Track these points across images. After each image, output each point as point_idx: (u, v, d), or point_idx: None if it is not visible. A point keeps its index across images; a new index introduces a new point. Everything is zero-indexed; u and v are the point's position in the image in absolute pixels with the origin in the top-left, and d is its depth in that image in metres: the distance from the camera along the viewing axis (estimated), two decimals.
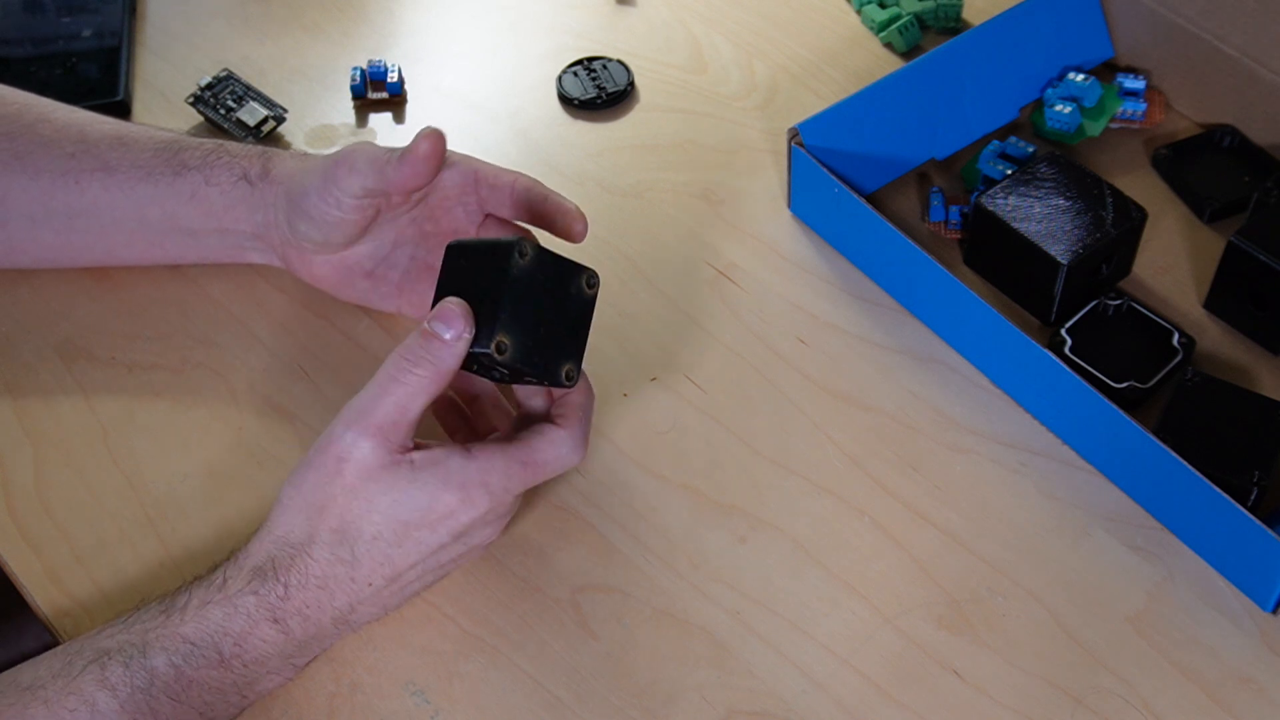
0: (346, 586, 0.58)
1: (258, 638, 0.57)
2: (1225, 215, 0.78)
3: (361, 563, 0.58)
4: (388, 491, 0.58)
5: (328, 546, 0.58)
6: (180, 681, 0.56)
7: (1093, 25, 0.84)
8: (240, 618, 0.57)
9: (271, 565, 0.58)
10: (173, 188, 0.71)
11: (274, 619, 0.57)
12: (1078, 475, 0.68)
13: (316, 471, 0.58)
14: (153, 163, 0.71)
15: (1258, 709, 0.60)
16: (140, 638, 0.56)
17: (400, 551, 0.58)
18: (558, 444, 0.61)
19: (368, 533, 0.58)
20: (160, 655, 0.56)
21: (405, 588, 0.61)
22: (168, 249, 0.74)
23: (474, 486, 0.58)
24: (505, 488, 0.59)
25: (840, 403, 0.72)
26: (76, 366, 0.74)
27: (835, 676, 0.62)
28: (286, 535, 0.58)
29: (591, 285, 0.61)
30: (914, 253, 0.71)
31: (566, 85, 0.87)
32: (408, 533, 0.58)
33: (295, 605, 0.57)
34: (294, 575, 0.57)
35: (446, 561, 0.61)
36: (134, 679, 0.55)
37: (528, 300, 0.59)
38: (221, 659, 0.56)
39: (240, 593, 0.57)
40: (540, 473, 0.61)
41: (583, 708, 0.61)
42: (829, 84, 0.88)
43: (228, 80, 0.86)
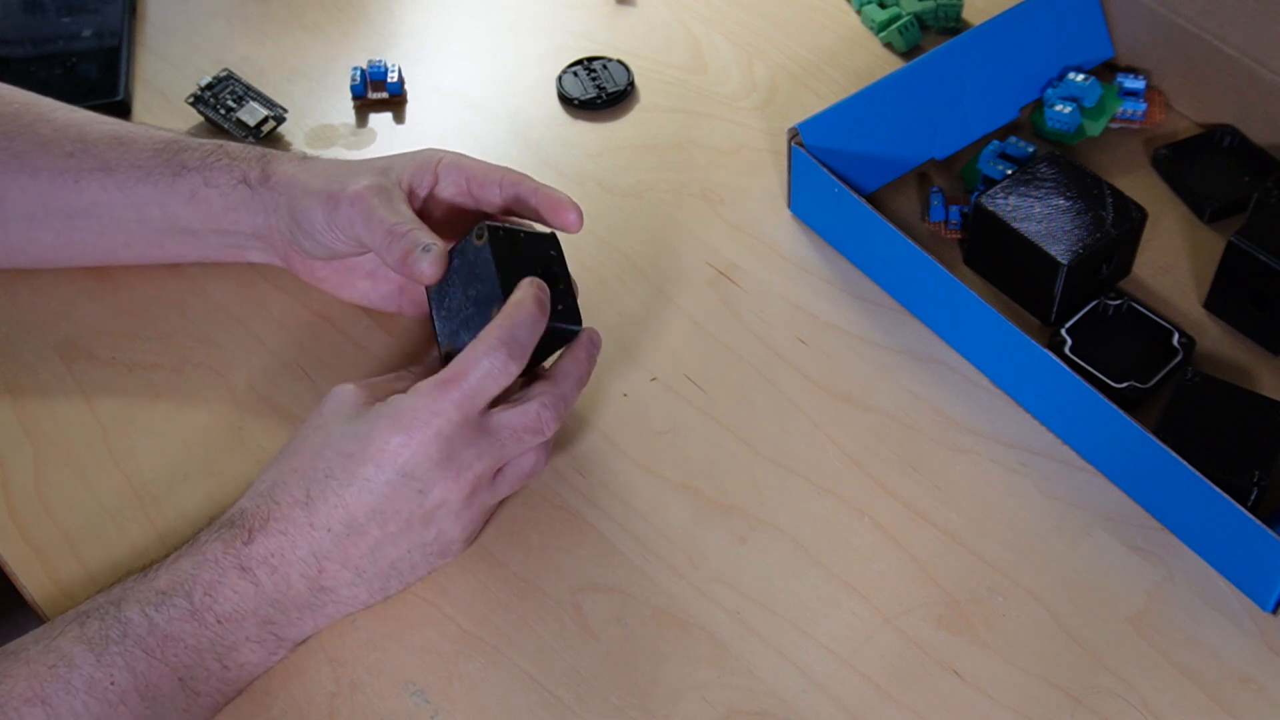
0: (306, 533, 0.59)
1: (227, 587, 0.58)
2: (1225, 215, 0.78)
3: (315, 504, 0.59)
4: (339, 426, 0.60)
5: (286, 488, 0.60)
6: (154, 634, 0.56)
7: (1093, 25, 0.84)
8: (209, 566, 0.58)
9: (240, 514, 0.60)
10: (172, 188, 0.71)
11: (240, 567, 0.58)
12: (1078, 475, 0.68)
13: (303, 426, 0.62)
14: (152, 163, 0.71)
15: (1258, 709, 0.60)
16: (118, 596, 0.58)
17: (351, 491, 0.59)
18: (476, 354, 0.60)
19: (321, 470, 0.59)
20: (134, 607, 0.57)
21: (375, 551, 0.60)
22: (168, 248, 0.74)
23: (405, 414, 0.60)
24: (434, 411, 0.59)
25: (840, 403, 0.72)
26: (76, 366, 0.74)
27: (835, 676, 0.62)
28: (259, 486, 0.61)
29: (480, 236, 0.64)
30: (914, 253, 0.71)
31: (566, 85, 0.87)
32: (354, 470, 0.59)
33: (259, 552, 0.59)
34: (257, 520, 0.59)
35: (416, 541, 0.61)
36: (108, 632, 0.56)
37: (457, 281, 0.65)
38: (193, 609, 0.57)
39: (208, 541, 0.59)
40: (465, 387, 0.60)
41: (583, 708, 0.61)
42: (829, 84, 0.88)
43: (228, 80, 0.86)
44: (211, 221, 0.72)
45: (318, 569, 0.59)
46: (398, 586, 0.63)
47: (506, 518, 0.67)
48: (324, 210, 0.67)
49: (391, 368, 0.73)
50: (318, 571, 0.59)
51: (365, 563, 0.61)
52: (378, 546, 0.61)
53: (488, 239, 0.63)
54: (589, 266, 0.78)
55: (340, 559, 0.60)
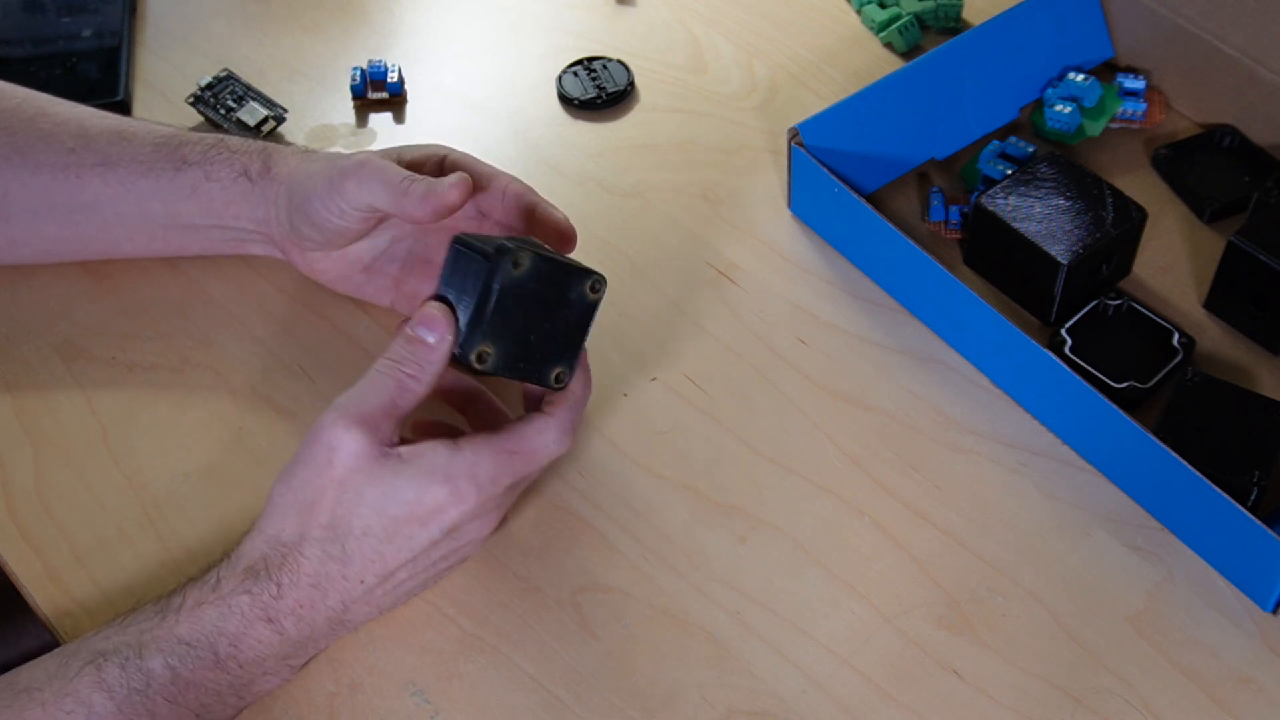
0: (339, 585, 0.58)
1: (253, 638, 0.57)
2: (1225, 215, 0.78)
3: (353, 560, 0.58)
4: (376, 485, 0.57)
5: (319, 544, 0.58)
6: (177, 683, 0.56)
7: (1093, 25, 0.84)
8: (235, 618, 0.57)
9: (264, 565, 0.58)
10: (173, 183, 0.71)
11: (268, 619, 0.57)
12: (1078, 475, 0.68)
13: (305, 466, 0.58)
14: (153, 158, 0.71)
15: (1258, 709, 0.60)
16: (136, 639, 0.56)
17: (391, 548, 0.58)
18: (544, 432, 0.60)
19: (357, 528, 0.58)
20: (156, 657, 0.56)
21: (399, 586, 0.60)
22: (170, 242, 0.74)
23: (461, 478, 0.58)
24: (493, 479, 0.59)
25: (840, 403, 0.72)
26: (76, 366, 0.74)
27: (835, 676, 0.62)
28: (278, 534, 0.58)
29: (596, 290, 0.61)
30: (914, 253, 0.71)
31: (566, 85, 0.87)
32: (398, 528, 0.58)
33: (289, 605, 0.57)
34: (286, 574, 0.57)
35: (438, 559, 0.61)
36: (130, 680, 0.55)
37: (518, 308, 0.59)
38: (217, 660, 0.56)
39: (234, 592, 0.57)
40: (528, 462, 0.60)
41: (583, 708, 0.61)
42: (829, 84, 0.88)
43: (228, 80, 0.86)
44: (213, 216, 0.72)
45: (343, 611, 0.59)
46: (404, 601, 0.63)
47: (507, 517, 0.67)
48: (326, 185, 0.66)
49: None
50: (342, 612, 0.59)
51: (388, 599, 0.61)
52: (403, 584, 0.61)
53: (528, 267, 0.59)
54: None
55: (366, 601, 0.60)
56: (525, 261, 0.59)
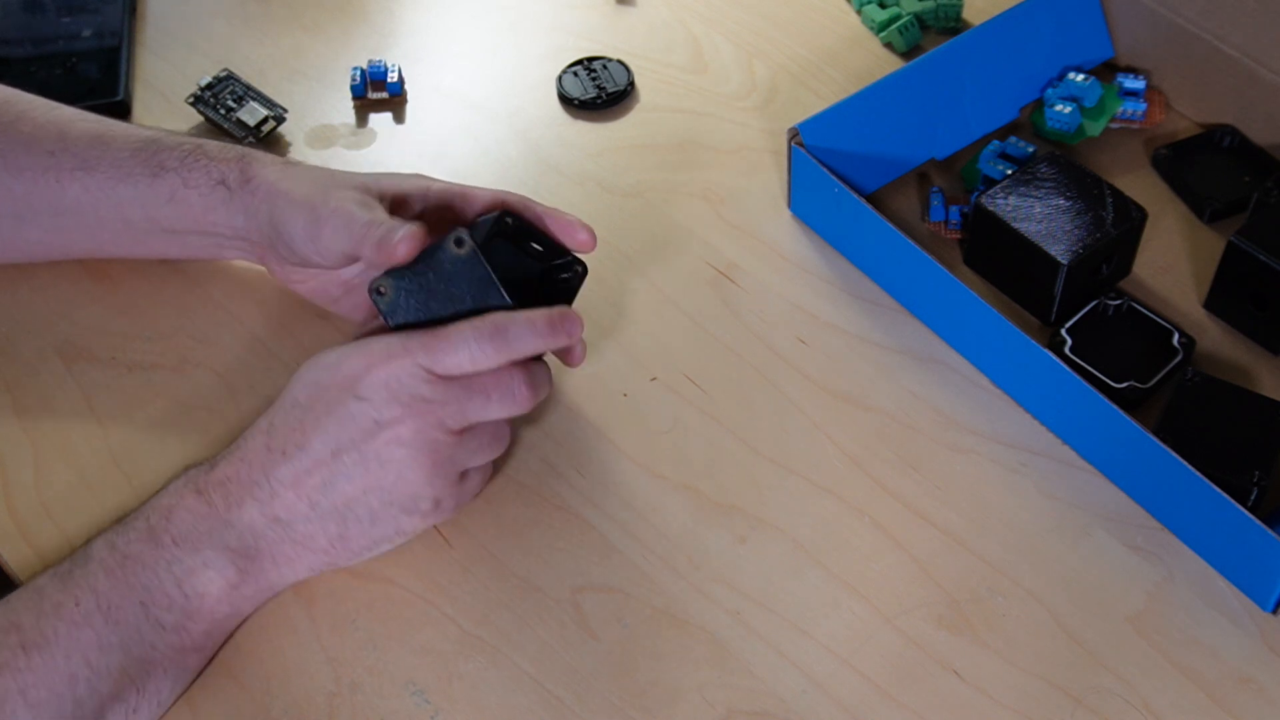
0: (262, 456, 0.61)
1: (183, 509, 0.60)
2: (1225, 215, 0.79)
3: (276, 430, 0.61)
4: (314, 360, 0.62)
5: (255, 425, 0.62)
6: (114, 555, 0.59)
7: (1093, 25, 0.84)
8: (169, 494, 0.61)
9: (210, 458, 0.62)
10: (151, 189, 0.71)
11: (197, 490, 0.61)
12: (1078, 475, 0.68)
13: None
14: (130, 163, 0.71)
15: (1258, 709, 0.60)
16: (83, 551, 0.60)
17: (310, 415, 0.60)
18: (464, 330, 0.61)
19: (288, 399, 0.62)
20: (98, 541, 0.60)
21: (327, 482, 0.60)
22: (153, 246, 0.74)
23: (374, 342, 0.61)
24: (404, 346, 0.60)
25: (840, 403, 0.72)
26: (76, 366, 0.74)
27: (835, 676, 0.62)
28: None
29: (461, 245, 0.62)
30: (914, 253, 0.71)
31: (566, 85, 0.87)
32: (318, 394, 0.61)
33: (217, 477, 0.61)
34: (222, 455, 0.62)
35: (369, 470, 0.60)
36: (74, 563, 0.59)
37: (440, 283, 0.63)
38: (150, 530, 0.60)
39: (174, 478, 0.62)
40: (442, 345, 0.61)
41: (583, 708, 0.61)
42: (829, 84, 0.88)
43: (228, 80, 0.86)
44: (192, 222, 0.71)
45: (270, 493, 0.60)
46: (359, 538, 0.62)
47: (507, 517, 0.67)
48: (305, 223, 0.66)
49: None
50: (270, 496, 0.60)
51: (319, 495, 0.61)
52: (332, 477, 0.60)
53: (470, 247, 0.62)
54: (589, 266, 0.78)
55: (294, 485, 0.60)
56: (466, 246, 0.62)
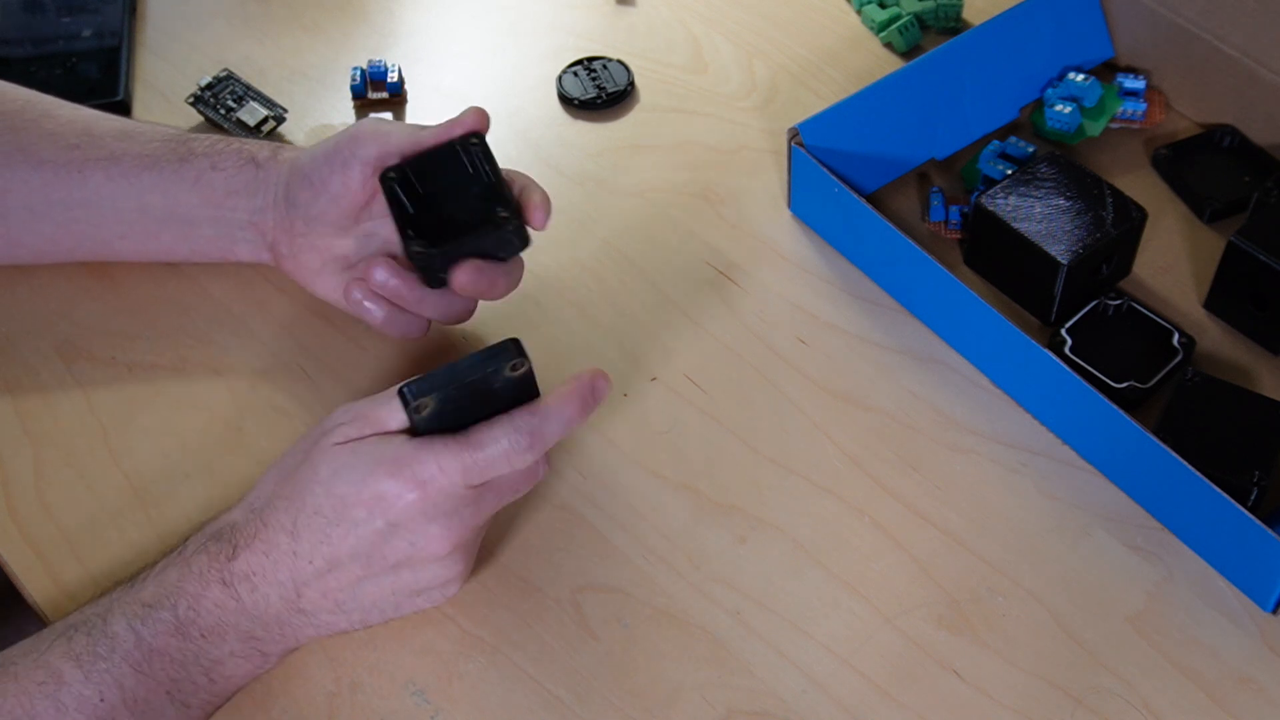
0: (288, 560, 0.58)
1: (210, 600, 0.57)
2: (1225, 215, 0.78)
3: (301, 535, 0.58)
4: (333, 462, 0.58)
5: (275, 513, 0.59)
6: (140, 649, 0.56)
7: (1093, 25, 0.84)
8: (193, 578, 0.58)
9: (230, 528, 0.59)
10: (178, 173, 0.72)
11: (223, 581, 0.58)
12: (1078, 475, 0.68)
13: (299, 446, 0.61)
14: (159, 150, 0.72)
15: (1258, 709, 0.60)
16: (105, 608, 0.57)
17: (338, 531, 0.58)
18: (495, 428, 0.58)
19: (309, 505, 0.58)
20: (120, 620, 0.56)
21: (355, 585, 0.59)
22: (162, 240, 0.74)
23: (407, 463, 0.57)
24: (441, 469, 0.57)
25: (840, 403, 0.72)
26: (76, 366, 0.74)
27: (835, 676, 0.62)
28: (253, 501, 0.60)
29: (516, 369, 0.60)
30: (914, 253, 0.71)
31: (566, 85, 0.87)
32: (344, 511, 0.58)
33: (242, 569, 0.58)
34: (242, 537, 0.58)
35: (395, 567, 0.59)
36: (96, 646, 0.56)
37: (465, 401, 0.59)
38: (178, 623, 0.57)
39: (195, 553, 0.59)
40: (480, 458, 0.58)
41: (583, 708, 0.61)
42: (829, 84, 0.88)
43: (228, 80, 0.86)
44: (210, 207, 0.72)
45: (296, 593, 0.59)
46: (379, 619, 0.62)
47: (507, 518, 0.67)
48: (334, 143, 0.68)
49: (391, 368, 0.73)
50: (296, 595, 0.59)
51: (345, 596, 0.60)
52: (359, 583, 0.59)
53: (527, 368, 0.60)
54: (589, 266, 0.78)
55: (320, 589, 0.59)
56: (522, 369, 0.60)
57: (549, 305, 0.76)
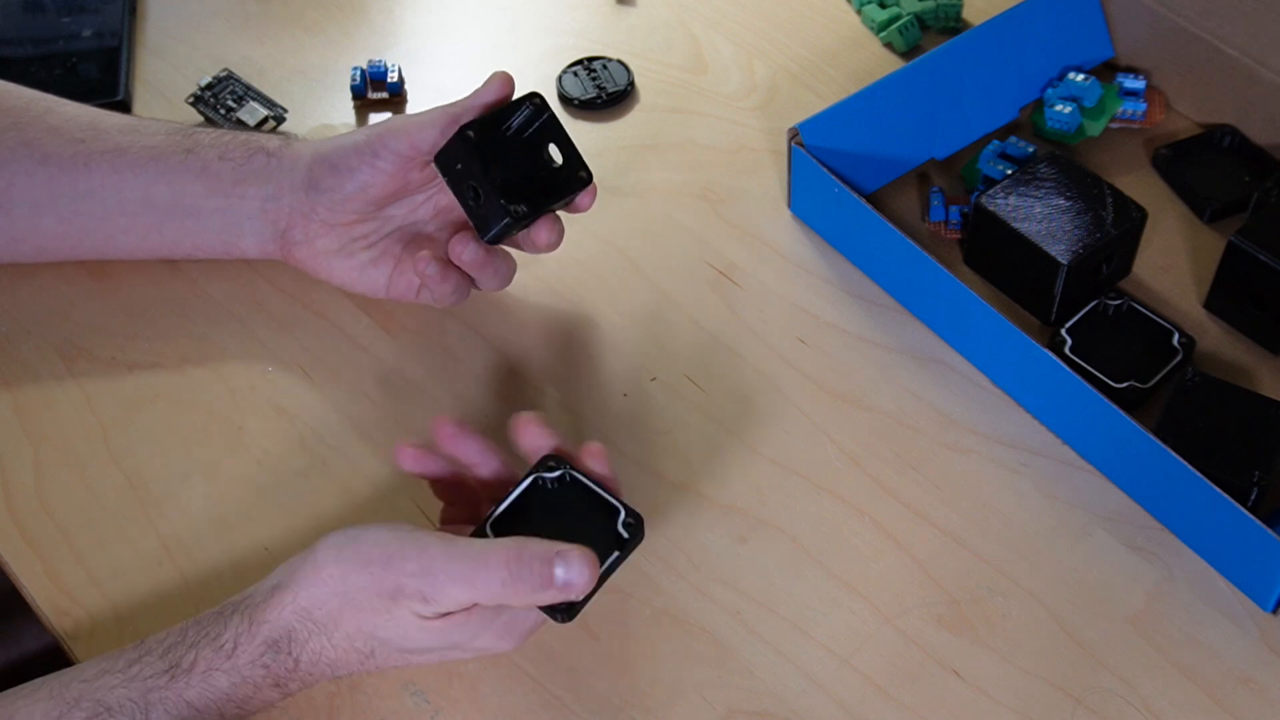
0: (356, 667, 0.59)
1: (260, 700, 0.57)
2: (1225, 215, 0.78)
3: (376, 657, 0.58)
4: (427, 633, 0.57)
5: (349, 639, 0.57)
6: None
7: (1093, 25, 0.84)
8: (247, 688, 0.56)
9: (288, 638, 0.57)
10: (184, 164, 0.72)
11: (277, 684, 0.57)
12: (1078, 475, 0.68)
13: (368, 580, 0.56)
14: (166, 143, 0.73)
15: (1258, 709, 0.60)
16: (142, 696, 0.55)
17: (417, 657, 0.59)
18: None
19: (394, 647, 0.57)
20: (160, 714, 0.55)
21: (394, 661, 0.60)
22: (166, 234, 0.74)
23: (515, 627, 0.59)
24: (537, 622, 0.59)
25: (840, 403, 0.72)
26: (76, 366, 0.74)
27: (835, 676, 0.62)
28: (311, 610, 0.57)
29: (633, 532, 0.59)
30: (914, 253, 0.71)
31: (566, 85, 0.87)
32: (419, 640, 0.58)
33: (302, 675, 0.57)
34: (307, 652, 0.57)
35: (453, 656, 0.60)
36: None
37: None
38: (222, 717, 0.57)
39: (251, 664, 0.56)
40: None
41: (583, 708, 0.61)
42: (829, 84, 0.88)
43: (228, 80, 0.86)
44: (218, 195, 0.72)
45: (341, 671, 0.59)
46: None
47: None
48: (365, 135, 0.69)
49: (391, 368, 0.73)
50: (339, 673, 0.59)
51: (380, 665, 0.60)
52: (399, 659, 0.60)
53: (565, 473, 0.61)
54: (589, 266, 0.78)
55: (360, 666, 0.59)
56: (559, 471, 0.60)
57: (549, 305, 0.76)
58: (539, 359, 0.74)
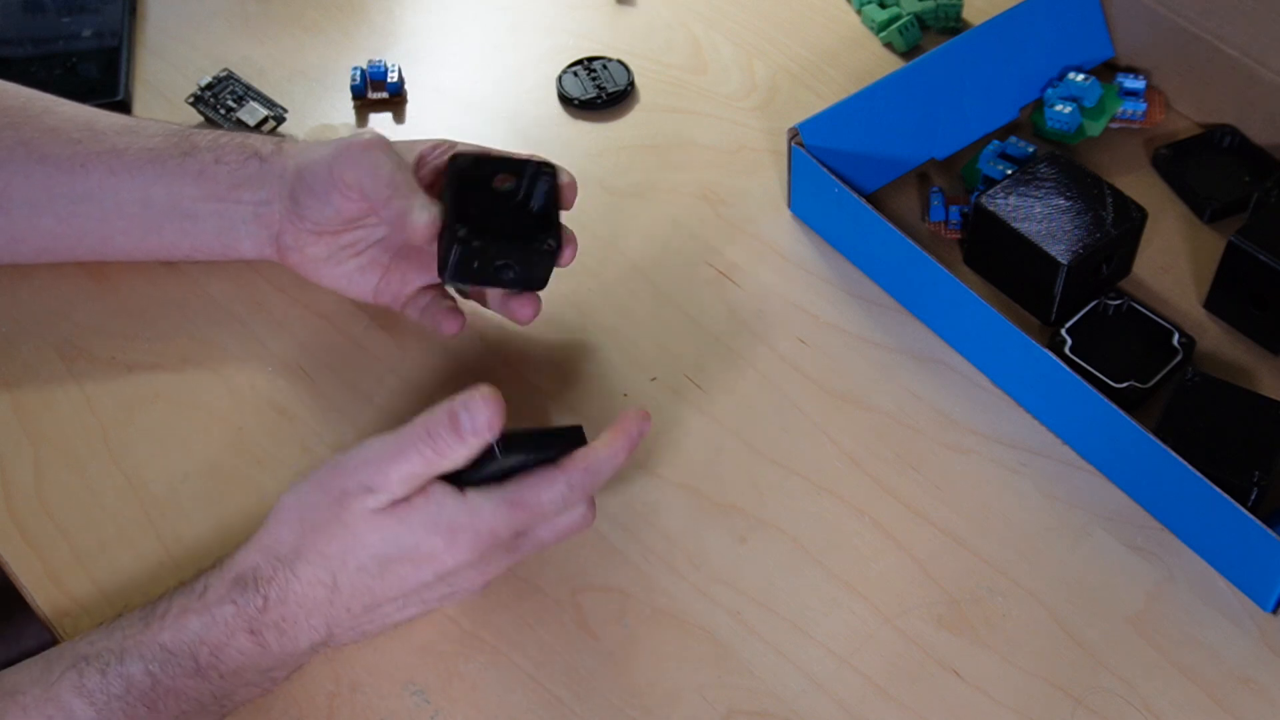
0: (324, 609, 0.58)
1: (234, 648, 0.57)
2: (1225, 215, 0.78)
3: (341, 590, 0.58)
4: (378, 532, 0.57)
5: (311, 567, 0.57)
6: (156, 690, 0.56)
7: (1093, 25, 0.84)
8: (218, 628, 0.57)
9: (254, 576, 0.57)
10: (181, 167, 0.72)
11: (250, 630, 0.57)
12: (1078, 475, 0.68)
13: (319, 495, 0.58)
14: (163, 145, 0.72)
15: (1258, 709, 0.60)
16: (119, 644, 0.56)
17: (381, 584, 0.58)
18: (551, 486, 0.59)
19: (352, 564, 0.58)
20: (137, 663, 0.56)
21: (385, 617, 0.60)
22: (164, 235, 0.74)
23: (460, 530, 0.58)
24: (492, 530, 0.58)
25: (840, 403, 0.72)
26: (76, 366, 0.74)
27: (835, 676, 0.62)
28: (274, 546, 0.58)
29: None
30: (914, 253, 0.71)
31: (566, 85, 0.87)
32: (391, 568, 0.58)
33: (272, 618, 0.57)
34: (274, 589, 0.57)
35: (430, 598, 0.60)
36: (110, 686, 0.55)
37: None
38: (198, 668, 0.56)
39: (219, 601, 0.57)
40: (532, 516, 0.59)
41: (583, 708, 0.61)
42: (829, 84, 0.88)
43: (228, 80, 0.86)
44: (215, 199, 0.72)
45: (327, 633, 0.59)
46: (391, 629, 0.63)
47: None
48: (333, 155, 0.68)
49: (391, 368, 0.73)
50: (326, 635, 0.59)
51: (374, 628, 0.61)
52: (389, 615, 0.60)
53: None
54: (589, 266, 0.78)
55: (351, 626, 0.59)
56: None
57: (548, 306, 0.76)
58: (539, 359, 0.74)
